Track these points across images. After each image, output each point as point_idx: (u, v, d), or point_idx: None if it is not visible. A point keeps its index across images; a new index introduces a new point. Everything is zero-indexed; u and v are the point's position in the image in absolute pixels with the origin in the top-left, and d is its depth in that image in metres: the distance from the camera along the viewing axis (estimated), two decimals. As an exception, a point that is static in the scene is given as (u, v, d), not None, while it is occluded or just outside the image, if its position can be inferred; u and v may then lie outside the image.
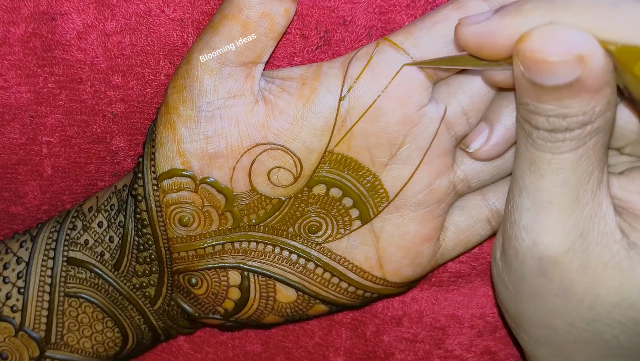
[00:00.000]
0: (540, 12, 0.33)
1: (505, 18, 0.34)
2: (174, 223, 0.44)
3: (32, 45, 0.45)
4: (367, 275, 0.45)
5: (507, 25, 0.34)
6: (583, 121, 0.34)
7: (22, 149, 0.47)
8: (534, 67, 0.33)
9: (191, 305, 0.46)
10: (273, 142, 0.42)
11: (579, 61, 0.32)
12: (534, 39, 0.33)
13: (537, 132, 0.36)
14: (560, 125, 0.35)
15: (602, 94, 0.34)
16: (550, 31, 0.33)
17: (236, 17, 0.41)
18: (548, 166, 0.36)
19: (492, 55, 0.35)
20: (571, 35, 0.32)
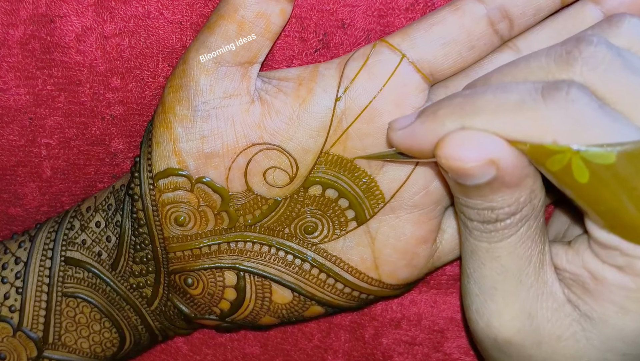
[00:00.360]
0: (452, 118, 0.35)
1: (425, 124, 0.36)
2: (170, 222, 0.44)
3: (31, 47, 0.45)
4: (363, 276, 0.45)
5: (427, 130, 0.36)
6: (510, 212, 0.36)
7: (21, 151, 0.48)
8: (452, 171, 0.35)
9: (187, 305, 0.46)
10: (269, 142, 0.42)
11: (491, 164, 0.34)
12: (448, 146, 0.34)
13: (471, 223, 0.37)
14: (490, 217, 0.36)
15: (522, 186, 0.35)
16: (461, 138, 0.34)
17: (232, 17, 0.41)
18: (486, 254, 0.37)
19: (421, 155, 0.37)
20: (480, 141, 0.34)
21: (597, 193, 0.33)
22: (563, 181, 0.34)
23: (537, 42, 0.42)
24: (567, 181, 0.33)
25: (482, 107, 0.34)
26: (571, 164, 0.33)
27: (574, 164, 0.33)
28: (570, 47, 0.34)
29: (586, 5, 0.42)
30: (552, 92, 0.33)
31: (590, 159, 0.32)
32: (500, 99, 0.34)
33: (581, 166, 0.32)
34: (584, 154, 0.32)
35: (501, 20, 0.41)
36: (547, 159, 0.33)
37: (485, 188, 0.35)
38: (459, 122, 0.34)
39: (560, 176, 0.33)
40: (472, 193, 0.35)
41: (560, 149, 0.32)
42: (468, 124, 0.34)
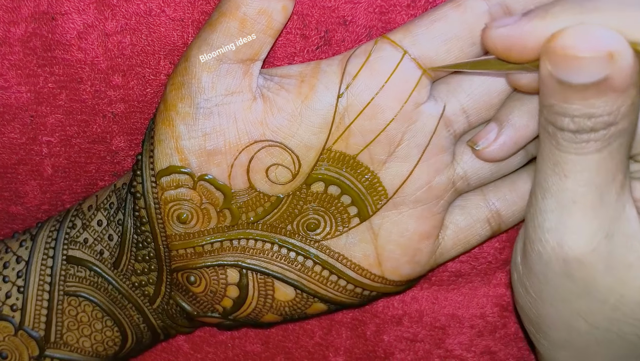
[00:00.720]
0: (569, 15, 0.34)
1: (534, 20, 0.34)
2: (172, 220, 0.44)
3: (33, 45, 0.45)
4: (366, 273, 0.45)
5: (536, 27, 0.34)
6: (608, 122, 0.35)
7: (22, 149, 0.48)
8: (563, 64, 0.34)
9: (190, 303, 0.46)
10: (271, 139, 0.42)
11: (608, 59, 0.33)
12: (565, 37, 0.33)
13: (561, 133, 0.36)
14: (586, 125, 0.35)
15: (627, 94, 0.34)
16: (582, 29, 0.33)
17: (234, 14, 0.41)
18: (572, 166, 0.36)
19: (520, 57, 0.36)
20: (602, 33, 0.33)
21: None
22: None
23: None
24: None
25: (604, 5, 0.33)
26: None
27: None
28: None
29: None
30: None
31: None
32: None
33: None
34: None
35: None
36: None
37: (591, 89, 0.33)
38: (577, 19, 0.33)
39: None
40: (573, 95, 0.34)
41: None
42: (587, 20, 0.33)
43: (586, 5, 0.33)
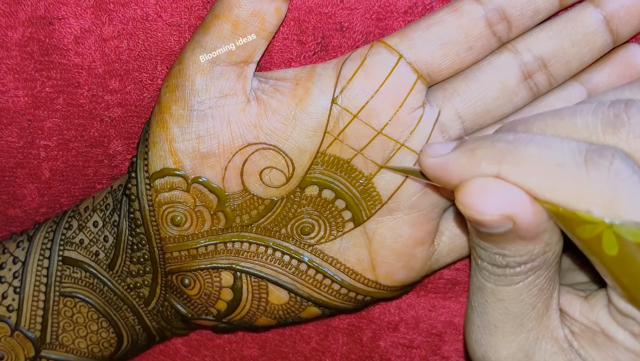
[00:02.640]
0: (489, 162, 0.34)
1: (460, 160, 0.35)
2: (166, 222, 0.44)
3: (30, 49, 0.45)
4: (359, 277, 0.45)
5: (461, 167, 0.35)
6: (521, 261, 0.35)
7: (20, 153, 0.48)
8: (468, 219, 0.34)
9: (184, 305, 0.46)
10: (265, 142, 0.42)
11: (508, 220, 0.33)
12: (467, 194, 0.34)
13: (481, 262, 0.37)
14: (500, 262, 0.36)
15: (538, 240, 0.34)
16: (483, 187, 0.33)
17: (227, 16, 0.41)
18: (491, 294, 0.37)
19: (447, 187, 0.36)
20: (502, 194, 0.33)
21: (624, 267, 0.33)
22: (590, 250, 0.33)
23: (536, 44, 0.42)
24: (595, 251, 0.33)
25: (522, 160, 0.33)
26: (602, 236, 0.32)
27: (604, 236, 0.32)
28: (618, 111, 0.33)
29: (586, 8, 0.42)
30: (595, 158, 0.32)
31: (623, 235, 0.32)
32: (542, 155, 0.33)
33: (612, 240, 0.32)
34: (617, 229, 0.32)
35: (499, 22, 0.41)
36: (578, 227, 0.32)
37: (499, 238, 0.34)
38: (496, 169, 0.33)
39: (589, 245, 0.33)
40: (486, 238, 0.35)
41: (593, 220, 0.32)
42: (504, 173, 0.33)
43: (507, 157, 0.33)
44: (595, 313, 0.37)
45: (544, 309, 0.37)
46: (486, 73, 0.43)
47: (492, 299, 0.37)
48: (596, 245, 0.33)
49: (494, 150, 0.34)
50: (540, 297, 0.37)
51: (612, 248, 0.32)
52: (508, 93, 0.43)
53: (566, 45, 0.42)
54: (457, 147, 0.35)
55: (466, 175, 0.34)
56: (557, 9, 0.42)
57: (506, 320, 0.37)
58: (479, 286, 0.38)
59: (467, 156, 0.35)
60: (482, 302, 0.38)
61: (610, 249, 0.32)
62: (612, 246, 0.32)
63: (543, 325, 0.37)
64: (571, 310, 0.38)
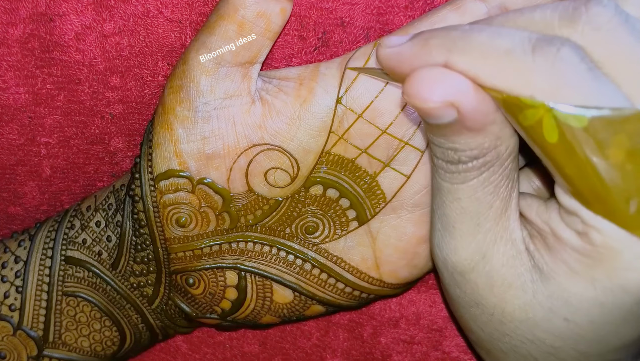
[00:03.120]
0: (440, 50, 0.34)
1: (413, 49, 0.35)
2: (171, 223, 0.44)
3: (31, 46, 0.45)
4: (364, 276, 0.45)
5: (413, 55, 0.34)
6: (472, 156, 0.35)
7: (20, 150, 0.48)
8: (414, 109, 0.34)
9: (189, 304, 0.46)
10: (270, 142, 0.42)
11: (450, 106, 0.33)
12: (412, 84, 0.33)
13: (437, 161, 0.37)
14: (452, 157, 0.35)
15: (486, 131, 0.34)
16: (427, 77, 0.33)
17: (232, 17, 0.41)
18: (448, 194, 0.37)
19: (400, 79, 0.36)
20: (445, 82, 0.33)
21: (564, 156, 0.32)
22: (532, 138, 0.33)
23: None
24: (536, 139, 0.33)
25: (472, 47, 0.33)
26: (542, 121, 0.32)
27: (545, 121, 0.32)
28: (578, 4, 0.33)
29: None
30: (543, 46, 0.32)
31: (562, 120, 0.31)
32: (492, 43, 0.33)
33: (552, 125, 0.31)
34: (556, 113, 0.31)
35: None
36: (520, 113, 0.32)
37: (446, 129, 0.34)
38: (445, 57, 0.33)
39: (530, 132, 0.32)
40: (435, 131, 0.35)
41: (534, 104, 0.32)
42: (453, 60, 0.33)
43: (457, 45, 0.33)
44: (549, 214, 0.36)
45: (501, 209, 0.37)
46: None
47: (449, 198, 0.37)
48: (537, 133, 0.32)
49: (446, 39, 0.34)
50: (496, 195, 0.36)
51: (552, 134, 0.32)
52: None
53: None
54: (412, 38, 0.35)
55: (417, 65, 0.34)
56: None
57: (463, 220, 0.37)
58: (437, 186, 0.37)
59: (420, 45, 0.34)
60: (441, 203, 0.38)
61: (550, 135, 0.32)
62: (552, 133, 0.32)
63: (501, 225, 0.37)
64: (529, 211, 0.38)
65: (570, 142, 0.32)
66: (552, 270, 0.36)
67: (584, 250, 0.34)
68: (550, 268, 0.36)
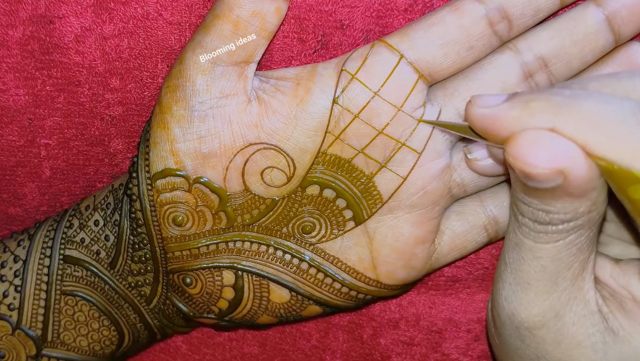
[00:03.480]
0: (544, 115, 0.33)
1: (513, 110, 0.34)
2: (168, 222, 0.44)
3: (30, 48, 0.45)
4: (361, 276, 0.45)
5: (513, 118, 0.34)
6: (564, 219, 0.35)
7: (20, 151, 0.48)
8: (517, 171, 0.34)
9: (186, 304, 0.46)
10: (266, 142, 0.42)
11: (559, 175, 0.32)
12: (518, 146, 0.33)
13: (522, 218, 0.36)
14: (543, 219, 0.35)
15: (586, 198, 0.34)
16: (536, 139, 0.33)
17: (227, 16, 0.41)
18: (529, 252, 0.37)
19: (494, 140, 0.35)
20: (556, 147, 0.32)
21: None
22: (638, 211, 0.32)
23: (537, 43, 0.42)
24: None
25: (580, 113, 0.32)
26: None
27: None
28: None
29: (588, 7, 0.42)
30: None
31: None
32: (601, 110, 0.32)
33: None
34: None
35: (500, 21, 0.41)
36: (630, 186, 0.31)
37: (547, 193, 0.34)
38: (551, 121, 0.33)
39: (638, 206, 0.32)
40: (531, 193, 0.34)
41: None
42: (560, 125, 0.32)
43: (563, 110, 0.33)
44: (627, 278, 0.36)
45: (579, 270, 0.37)
46: (487, 72, 0.43)
47: (529, 256, 0.36)
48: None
49: (550, 103, 0.33)
50: (577, 257, 0.36)
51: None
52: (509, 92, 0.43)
53: (567, 45, 0.42)
54: (510, 99, 0.35)
55: (518, 128, 0.33)
56: (557, 7, 0.42)
57: (541, 278, 0.37)
58: (517, 242, 0.37)
59: (520, 107, 0.34)
60: (518, 259, 0.37)
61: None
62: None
63: (577, 286, 0.37)
64: (602, 273, 0.38)
65: None
66: (629, 334, 0.36)
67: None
68: (626, 331, 0.36)
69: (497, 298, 0.40)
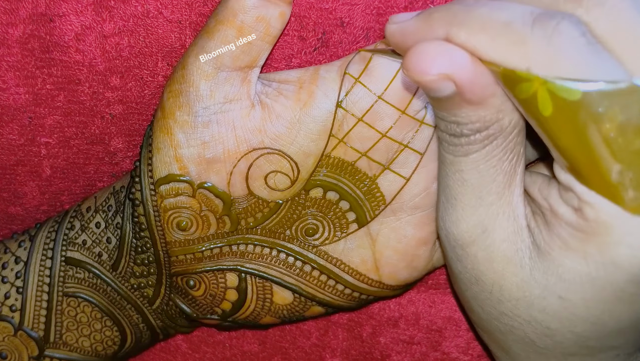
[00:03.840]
0: (442, 24, 0.34)
1: (417, 23, 0.35)
2: (172, 227, 0.44)
3: (31, 46, 0.45)
4: (363, 278, 0.45)
5: (417, 30, 0.35)
6: (475, 129, 0.35)
7: (21, 150, 0.48)
8: (414, 83, 0.34)
9: (189, 305, 0.46)
10: (270, 146, 0.42)
11: (446, 79, 0.33)
12: (411, 58, 0.34)
13: (441, 134, 0.37)
14: (455, 130, 0.35)
15: (487, 104, 0.34)
16: (424, 50, 0.33)
17: (231, 22, 0.41)
18: (450, 166, 0.37)
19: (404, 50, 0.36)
20: (442, 56, 0.33)
21: (558, 129, 0.32)
22: (528, 111, 0.33)
23: None
24: (531, 112, 0.32)
25: (471, 20, 0.33)
26: (537, 94, 0.31)
27: (539, 94, 0.31)
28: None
29: None
30: (543, 20, 0.32)
31: (556, 92, 0.31)
32: (492, 15, 0.33)
33: (546, 98, 0.31)
34: (550, 86, 0.31)
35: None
36: (516, 86, 0.32)
37: (447, 102, 0.34)
38: (445, 30, 0.33)
39: (526, 105, 0.32)
40: (437, 104, 0.35)
41: (529, 77, 0.31)
42: (452, 33, 0.33)
43: (458, 18, 0.33)
44: (549, 191, 0.36)
45: (505, 183, 0.37)
46: None
47: (452, 170, 0.37)
48: (532, 105, 0.32)
49: (447, 12, 0.34)
50: (499, 169, 0.36)
51: (547, 107, 0.32)
52: None
53: None
54: (418, 15, 0.35)
55: (420, 40, 0.34)
56: None
57: (465, 192, 0.37)
58: (441, 159, 0.38)
59: (423, 19, 0.35)
60: (444, 175, 0.38)
61: (545, 109, 0.32)
62: (547, 105, 0.32)
63: (504, 200, 0.37)
64: (532, 188, 0.38)
65: (563, 115, 0.31)
66: (548, 246, 0.36)
67: (578, 225, 0.34)
68: (546, 243, 0.36)
69: (436, 219, 0.40)
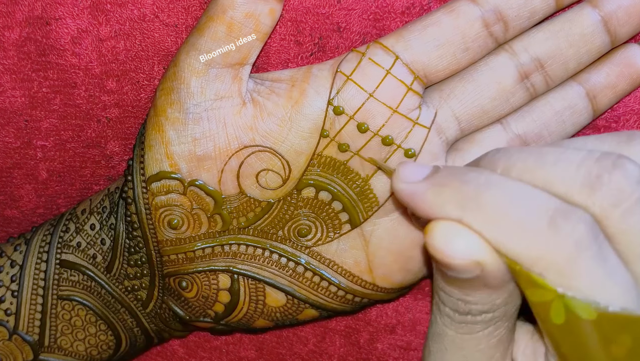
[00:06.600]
0: (454, 206, 0.33)
1: (427, 194, 0.34)
2: (163, 225, 0.44)
3: (27, 49, 0.45)
4: (357, 279, 0.45)
5: (427, 201, 0.34)
6: (483, 310, 0.35)
7: (17, 153, 0.48)
8: (437, 262, 0.33)
9: (182, 308, 0.46)
10: (261, 144, 0.42)
11: (476, 265, 0.32)
12: (435, 238, 0.33)
13: (444, 307, 0.36)
14: (462, 309, 0.35)
15: (503, 289, 0.34)
16: (450, 232, 0.32)
17: (221, 18, 0.41)
18: (451, 343, 0.36)
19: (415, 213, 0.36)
20: (468, 243, 0.32)
21: (566, 339, 0.32)
22: (537, 313, 0.32)
23: (533, 44, 0.42)
24: (541, 316, 0.32)
25: (485, 208, 0.32)
26: (551, 304, 0.31)
27: (554, 305, 0.31)
28: (601, 170, 0.32)
29: (584, 9, 0.42)
30: (559, 221, 0.31)
31: (572, 308, 0.31)
32: (503, 208, 0.32)
33: (560, 309, 0.31)
34: (567, 301, 0.31)
35: (496, 23, 0.41)
36: (529, 288, 0.32)
37: (465, 283, 0.33)
38: (459, 214, 0.32)
39: (537, 308, 0.32)
40: (452, 282, 0.34)
41: (546, 287, 0.31)
42: (467, 220, 0.32)
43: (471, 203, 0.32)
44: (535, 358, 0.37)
45: (502, 357, 0.37)
46: (483, 74, 0.43)
47: (452, 347, 0.36)
48: (544, 311, 0.32)
49: (459, 194, 0.33)
50: (498, 348, 0.36)
51: (559, 317, 0.32)
52: (505, 94, 0.43)
53: (563, 46, 0.42)
54: (428, 178, 0.34)
55: (432, 212, 0.33)
56: (553, 10, 0.42)
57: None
58: (439, 332, 0.37)
59: (434, 193, 0.33)
60: (442, 349, 0.37)
61: (557, 317, 0.32)
62: (559, 315, 0.31)
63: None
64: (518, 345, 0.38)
65: (574, 329, 0.32)
66: None
67: None
68: None
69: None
